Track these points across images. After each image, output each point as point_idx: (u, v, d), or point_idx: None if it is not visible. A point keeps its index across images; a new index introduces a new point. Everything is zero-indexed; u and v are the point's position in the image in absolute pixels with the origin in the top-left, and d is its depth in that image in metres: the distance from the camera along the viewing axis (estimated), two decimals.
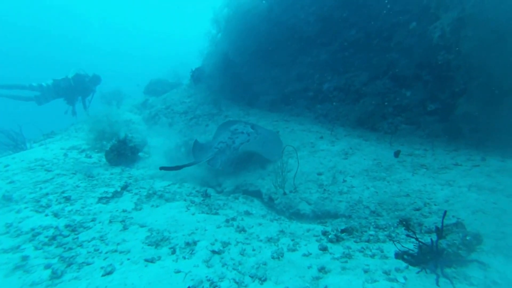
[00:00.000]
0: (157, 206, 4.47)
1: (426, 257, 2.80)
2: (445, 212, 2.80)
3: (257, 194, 5.31)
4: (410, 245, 3.03)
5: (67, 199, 4.38)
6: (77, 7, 61.94)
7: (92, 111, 9.69)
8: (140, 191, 5.02)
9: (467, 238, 2.76)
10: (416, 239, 2.77)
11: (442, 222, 2.76)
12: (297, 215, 4.47)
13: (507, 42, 4.84)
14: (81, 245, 3.30)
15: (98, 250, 3.20)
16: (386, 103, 7.52)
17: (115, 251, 3.18)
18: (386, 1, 7.97)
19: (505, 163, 4.66)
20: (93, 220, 3.84)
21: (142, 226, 3.70)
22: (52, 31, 58.60)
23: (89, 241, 3.37)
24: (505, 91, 5.16)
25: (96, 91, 11.38)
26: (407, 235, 2.90)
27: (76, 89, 10.71)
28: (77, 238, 3.44)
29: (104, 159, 6.34)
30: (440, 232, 2.87)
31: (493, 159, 4.87)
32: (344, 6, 8.29)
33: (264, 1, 8.64)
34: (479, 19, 5.18)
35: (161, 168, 5.28)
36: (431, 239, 2.74)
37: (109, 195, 4.54)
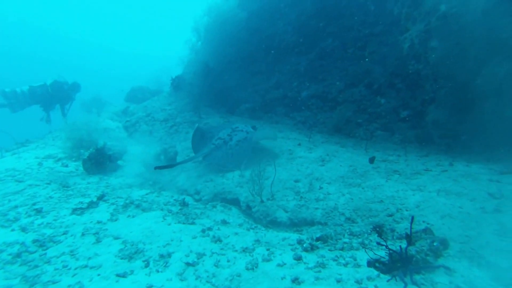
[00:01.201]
0: (133, 217, 4.40)
1: (396, 265, 2.88)
2: (412, 218, 2.89)
3: (235, 202, 5.33)
4: (383, 253, 3.11)
5: (38, 211, 4.24)
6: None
7: (71, 119, 9.48)
8: (117, 201, 4.93)
9: (434, 244, 2.87)
10: (386, 247, 2.86)
11: (411, 229, 2.86)
12: (274, 223, 4.51)
13: (469, 54, 5.10)
14: (48, 262, 3.17)
15: (67, 266, 3.10)
16: (361, 110, 7.75)
17: (86, 266, 3.09)
18: (360, 13, 8.26)
19: (470, 167, 4.87)
20: (65, 233, 3.72)
21: (116, 238, 3.63)
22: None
23: (58, 257, 3.25)
24: (469, 99, 5.42)
25: (76, 99, 11.12)
26: (378, 243, 2.97)
27: (54, 96, 10.44)
28: (45, 254, 3.31)
29: (81, 168, 6.20)
30: (409, 239, 2.96)
31: (459, 164, 5.08)
32: (320, 16, 8.52)
33: (243, 11, 8.75)
34: (444, 32, 5.45)
35: (156, 168, 5.47)
36: (400, 246, 2.82)
37: (84, 205, 4.44)
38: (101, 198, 4.77)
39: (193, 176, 6.45)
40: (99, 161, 6.12)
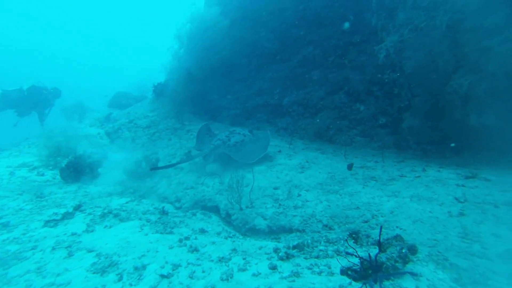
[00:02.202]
0: (110, 227, 4.35)
1: (368, 272, 2.95)
2: (381, 228, 2.99)
3: (215, 210, 5.34)
4: (357, 260, 3.18)
5: (5, 225, 4.09)
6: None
7: (51, 125, 9.27)
8: (94, 211, 4.87)
9: (403, 250, 2.96)
10: (356, 255, 2.93)
11: (379, 238, 2.94)
12: (253, 231, 4.53)
13: (438, 65, 5.32)
14: (8, 283, 2.99)
15: (30, 286, 2.95)
16: (342, 117, 7.91)
17: (53, 284, 2.97)
18: (340, 22, 8.46)
19: (441, 173, 5.04)
20: (34, 248, 3.60)
21: (90, 251, 3.58)
22: None
23: (21, 276, 3.07)
24: (441, 107, 5.63)
25: (55, 105, 10.90)
26: (346, 253, 3.04)
27: (30, 101, 10.19)
28: (6, 273, 3.13)
29: (58, 177, 6.08)
30: (379, 246, 3.05)
31: (432, 169, 5.25)
32: (301, 24, 8.67)
33: (226, 18, 8.82)
34: (416, 43, 5.66)
35: (152, 169, 5.81)
36: (369, 254, 2.90)
37: (59, 217, 4.35)
38: (78, 208, 4.70)
39: (174, 183, 6.43)
40: (78, 169, 6.03)
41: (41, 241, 3.77)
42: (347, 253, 2.96)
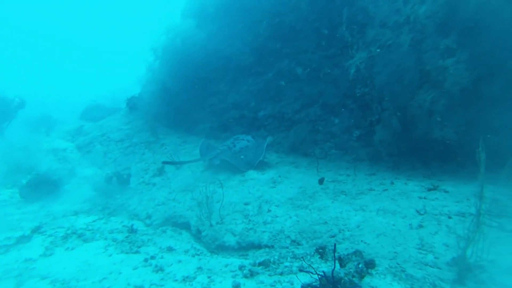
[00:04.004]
0: (72, 249, 4.18)
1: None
2: (335, 245, 3.06)
3: (186, 226, 5.25)
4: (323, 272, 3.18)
5: None
6: None
7: (12, 138, 8.87)
8: (56, 232, 4.67)
9: (360, 266, 3.00)
10: (314, 272, 2.94)
11: (334, 255, 2.98)
12: (223, 247, 4.47)
13: (404, 81, 5.52)
14: None
15: None
16: (317, 130, 8.02)
17: None
18: (314, 36, 8.66)
19: (407, 185, 5.17)
20: None
21: (44, 278, 3.37)
22: None
23: None
24: (409, 120, 5.81)
25: (17, 117, 10.44)
26: (300, 270, 3.07)
27: None
28: None
29: (18, 196, 5.78)
30: (334, 262, 3.08)
31: (399, 182, 5.38)
32: (277, 38, 8.83)
33: (201, 31, 8.86)
34: (385, 59, 5.86)
35: (164, 162, 6.54)
36: (323, 272, 2.92)
37: (12, 241, 4.09)
38: (37, 230, 4.49)
39: (145, 199, 6.30)
40: (42, 186, 5.78)
41: None
42: (300, 270, 3.00)
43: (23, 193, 5.69)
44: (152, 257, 4.00)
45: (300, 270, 3.33)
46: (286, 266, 3.65)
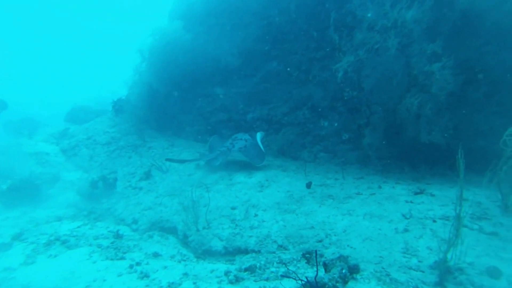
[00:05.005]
0: (55, 256, 4.08)
1: None
2: (316, 252, 3.11)
3: (173, 231, 5.20)
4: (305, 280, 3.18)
5: None
6: None
7: None
8: (38, 239, 4.55)
9: (343, 271, 3.03)
10: (296, 278, 2.95)
11: (316, 262, 3.00)
12: (209, 253, 4.44)
13: (392, 85, 5.59)
14: None
15: None
16: (305, 133, 8.04)
17: None
18: (303, 38, 8.68)
19: (395, 189, 5.23)
20: None
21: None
22: None
23: None
24: (398, 125, 5.89)
25: None
26: (282, 276, 3.07)
27: None
28: None
29: None
30: (317, 268, 3.08)
31: (387, 186, 5.43)
32: (265, 40, 8.80)
33: (188, 32, 8.78)
34: (373, 62, 5.92)
35: (167, 160, 6.96)
36: (306, 278, 2.92)
37: None
38: (17, 237, 4.37)
39: (132, 204, 6.21)
40: (23, 192, 5.63)
41: None
42: (283, 276, 3.01)
43: (3, 199, 5.53)
44: (138, 264, 3.95)
45: (283, 276, 3.33)
46: (272, 272, 3.64)
